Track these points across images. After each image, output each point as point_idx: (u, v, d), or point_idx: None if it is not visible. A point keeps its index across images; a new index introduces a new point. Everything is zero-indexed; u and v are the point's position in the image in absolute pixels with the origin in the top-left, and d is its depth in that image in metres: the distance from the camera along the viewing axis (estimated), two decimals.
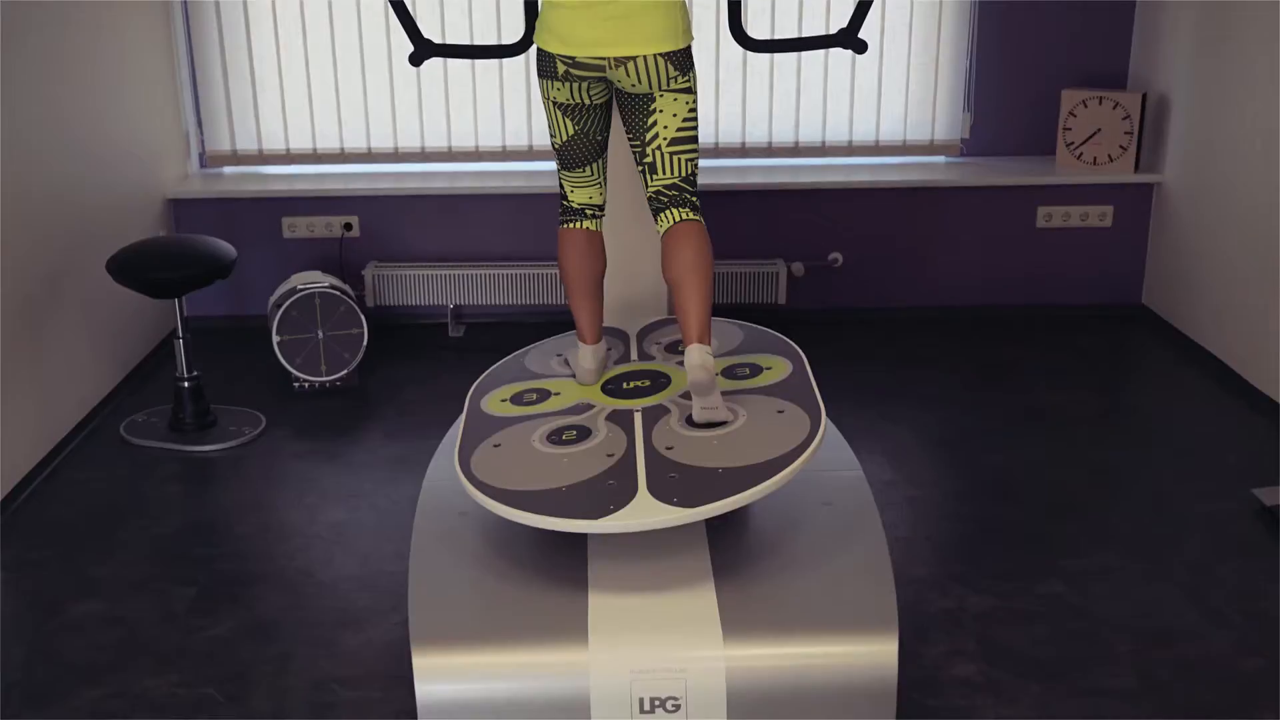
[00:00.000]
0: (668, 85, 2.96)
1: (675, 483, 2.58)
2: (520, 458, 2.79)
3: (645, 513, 2.51)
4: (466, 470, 2.76)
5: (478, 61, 4.91)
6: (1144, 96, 4.79)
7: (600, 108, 3.10)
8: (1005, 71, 5.01)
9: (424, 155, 5.03)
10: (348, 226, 4.95)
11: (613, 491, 2.58)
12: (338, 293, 4.32)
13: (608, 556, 2.65)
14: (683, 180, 3.05)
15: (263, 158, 5.03)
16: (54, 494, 3.66)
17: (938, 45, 4.96)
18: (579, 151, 3.14)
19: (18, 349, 3.64)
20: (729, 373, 3.11)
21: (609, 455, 2.74)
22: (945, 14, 4.93)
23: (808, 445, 2.67)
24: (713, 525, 2.77)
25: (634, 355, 3.35)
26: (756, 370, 3.13)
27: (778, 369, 3.13)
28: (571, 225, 3.23)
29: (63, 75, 3.95)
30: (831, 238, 5.03)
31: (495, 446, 2.86)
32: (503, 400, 3.15)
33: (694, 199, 3.06)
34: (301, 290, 4.29)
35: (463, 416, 3.09)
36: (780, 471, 2.58)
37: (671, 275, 2.99)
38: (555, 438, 2.86)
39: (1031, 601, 3.07)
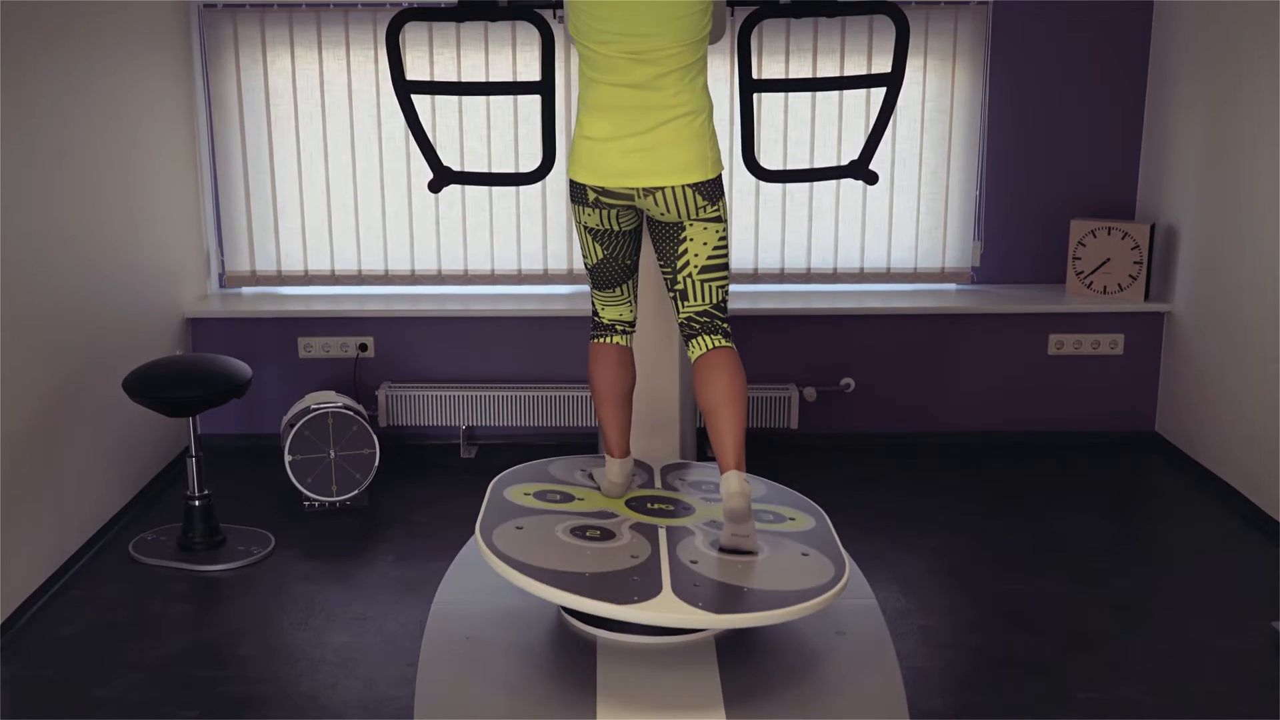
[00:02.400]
0: (697, 215, 3.00)
1: (699, 590, 2.56)
2: (543, 541, 2.77)
3: (670, 608, 2.47)
4: (489, 541, 2.73)
5: (495, 188, 5.00)
6: (1152, 227, 4.84)
7: (630, 234, 3.14)
8: (1014, 201, 5.08)
9: (440, 278, 5.09)
10: (363, 347, 4.99)
11: (637, 585, 2.55)
12: (350, 413, 4.34)
13: (617, 682, 2.61)
14: (714, 307, 3.07)
15: (281, 279, 5.10)
16: (60, 612, 3.63)
17: (947, 175, 5.04)
18: (609, 274, 3.19)
19: (31, 463, 3.65)
20: (755, 515, 3.10)
21: (633, 557, 2.72)
22: (955, 144, 5.02)
23: (834, 584, 2.65)
24: (724, 650, 2.73)
25: (658, 484, 3.35)
26: (780, 518, 3.13)
27: (801, 521, 3.13)
28: (602, 340, 3.26)
29: (90, 194, 4.02)
30: (844, 363, 5.05)
31: (518, 528, 2.84)
32: (526, 494, 3.14)
33: (725, 325, 3.08)
34: (315, 410, 4.31)
35: (484, 501, 3.07)
36: (809, 600, 2.55)
37: (706, 403, 2.99)
38: (579, 533, 2.85)
39: None
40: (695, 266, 3.04)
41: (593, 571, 2.61)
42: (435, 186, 3.59)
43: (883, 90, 3.55)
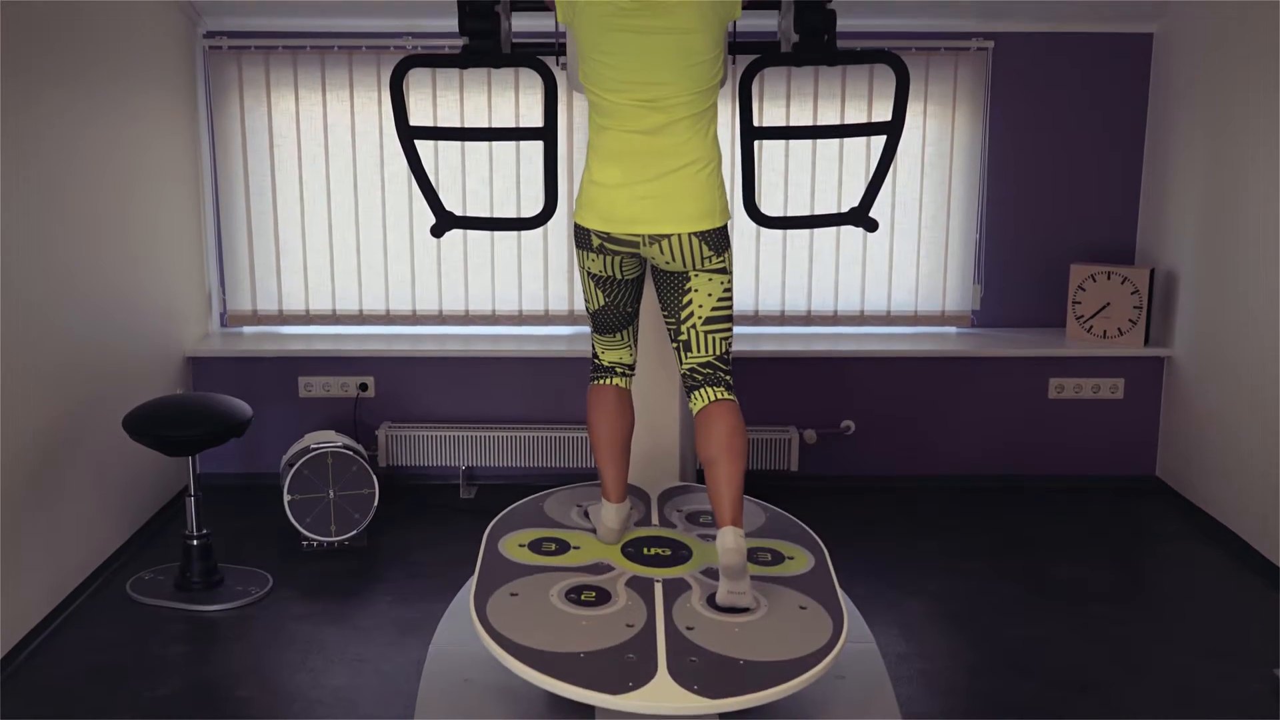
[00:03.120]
0: (702, 265, 3.01)
1: (695, 668, 2.54)
2: (538, 612, 2.76)
3: (665, 696, 2.46)
4: (483, 618, 2.72)
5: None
6: (1152, 271, 4.85)
7: (632, 282, 3.15)
8: (1014, 245, 5.09)
9: (441, 318, 5.10)
10: (363, 387, 4.99)
11: (632, 667, 2.54)
12: (350, 452, 4.33)
13: None
14: (717, 359, 3.07)
15: (283, 318, 5.11)
16: (57, 652, 3.61)
17: (948, 218, 5.06)
18: (610, 320, 3.20)
19: (30, 501, 3.64)
20: (750, 555, 3.08)
21: (628, 625, 2.71)
22: (955, 188, 5.04)
23: (830, 649, 2.64)
24: None
25: (655, 519, 3.33)
26: (779, 558, 3.11)
27: (800, 560, 3.11)
28: (602, 382, 3.26)
29: (93, 232, 4.04)
30: (844, 405, 5.05)
31: (512, 595, 2.83)
32: (521, 545, 3.12)
33: (728, 377, 3.08)
34: (314, 449, 4.30)
35: (480, 557, 3.05)
36: (802, 674, 2.54)
37: (705, 454, 2.99)
38: (574, 596, 2.83)
39: None
40: (699, 318, 3.05)
41: (587, 651, 2.59)
42: (438, 231, 3.61)
43: (883, 137, 3.57)
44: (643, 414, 3.56)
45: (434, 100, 4.90)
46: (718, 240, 3.02)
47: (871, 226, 3.61)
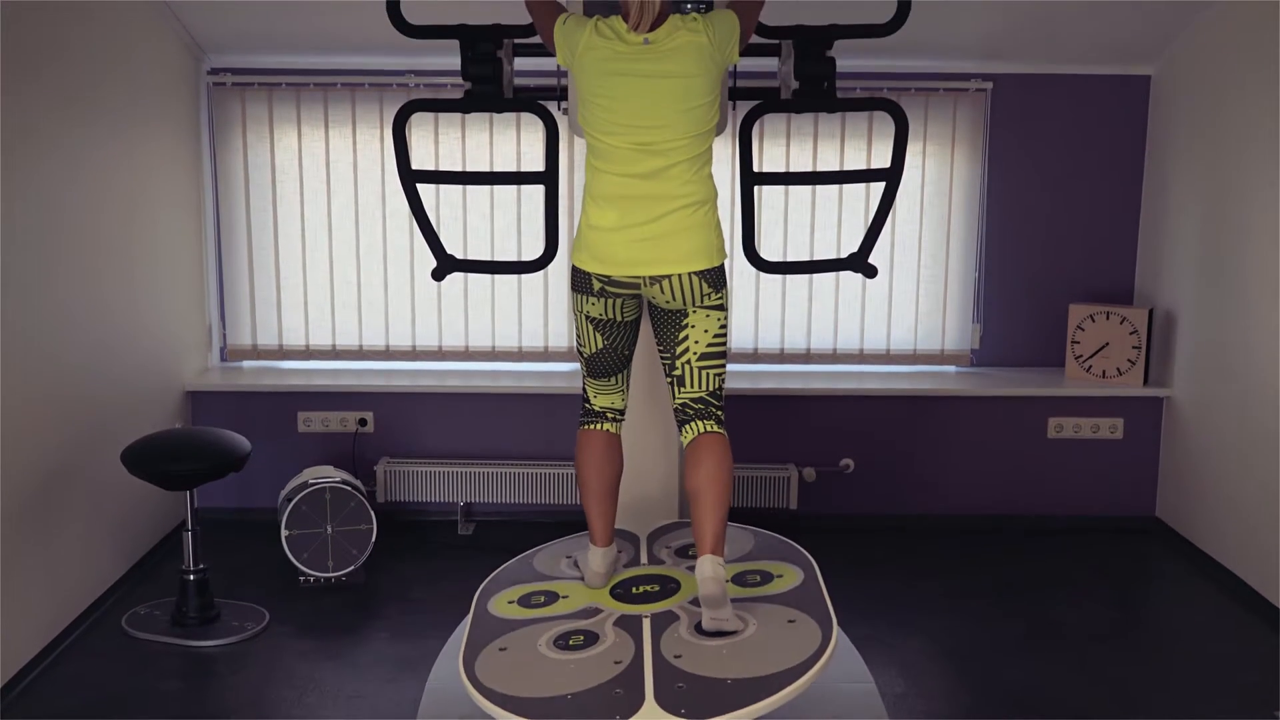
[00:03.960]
0: (701, 302, 3.04)
1: (683, 693, 2.53)
2: (526, 663, 2.75)
3: None
4: (471, 675, 2.71)
5: None
6: (1150, 312, 4.86)
7: (630, 324, 3.17)
8: (1013, 284, 5.11)
9: (441, 354, 5.10)
10: (362, 422, 4.99)
11: (619, 701, 2.53)
12: (348, 488, 4.33)
13: None
14: (710, 394, 3.10)
15: (283, 353, 5.11)
16: (51, 687, 3.60)
17: (947, 257, 5.08)
18: (606, 363, 3.21)
19: (28, 534, 3.63)
20: (739, 579, 3.09)
21: (616, 663, 2.70)
22: (954, 227, 5.06)
23: (819, 657, 2.63)
24: None
25: (644, 559, 3.33)
26: (768, 578, 3.11)
27: (789, 577, 3.10)
28: (592, 427, 3.27)
29: (94, 265, 4.05)
30: (843, 443, 5.04)
31: (501, 650, 2.82)
32: (510, 602, 3.12)
33: (719, 412, 3.10)
34: (312, 485, 4.30)
35: (469, 618, 3.05)
36: (790, 684, 2.53)
37: (691, 485, 3.00)
38: (562, 643, 2.82)
39: None
40: (694, 354, 3.07)
41: (574, 692, 2.59)
42: (439, 275, 3.63)
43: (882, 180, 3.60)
44: (634, 460, 3.56)
45: (436, 138, 4.93)
46: (716, 277, 3.04)
47: (870, 273, 3.63)
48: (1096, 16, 4.59)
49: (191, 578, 4.00)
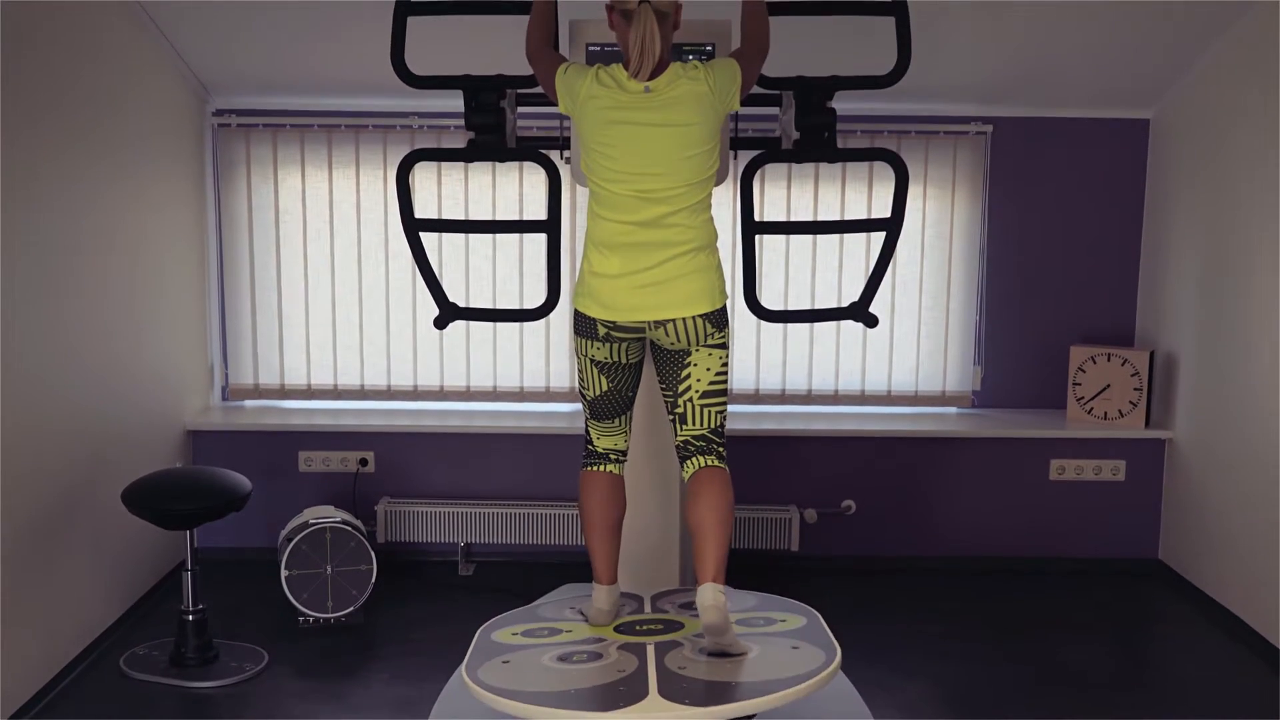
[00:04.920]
0: (704, 341, 3.06)
1: (686, 689, 2.56)
2: (529, 670, 2.78)
3: (656, 709, 2.47)
4: (474, 677, 2.74)
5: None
6: (1152, 354, 4.87)
7: (634, 366, 3.19)
8: (1014, 326, 5.12)
9: (443, 394, 5.11)
10: (363, 462, 4.99)
11: (623, 693, 2.55)
12: (349, 528, 4.32)
13: None
14: (711, 431, 3.12)
15: (284, 392, 5.12)
16: None
17: (948, 299, 5.09)
18: (610, 405, 3.23)
19: (27, 572, 3.62)
20: (746, 623, 3.09)
21: (620, 671, 2.72)
22: (955, 269, 5.08)
23: (825, 667, 2.66)
24: None
25: (648, 609, 3.34)
26: (771, 621, 3.12)
27: (792, 621, 3.12)
28: (595, 468, 3.28)
29: (96, 303, 4.06)
30: (845, 485, 5.04)
31: (504, 663, 2.85)
32: (514, 634, 3.13)
33: (720, 448, 3.12)
34: (313, 525, 4.29)
35: (471, 646, 3.06)
36: (801, 684, 2.55)
37: (693, 517, 3.02)
38: (566, 658, 2.85)
39: None
40: (696, 392, 3.08)
41: (579, 688, 2.61)
42: (441, 323, 3.65)
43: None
44: (638, 514, 3.57)
45: (439, 182, 4.95)
46: (719, 318, 3.07)
47: (871, 322, 3.65)
48: (1095, 62, 4.62)
49: (190, 618, 3.99)
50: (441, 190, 4.96)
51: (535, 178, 4.95)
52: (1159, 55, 4.59)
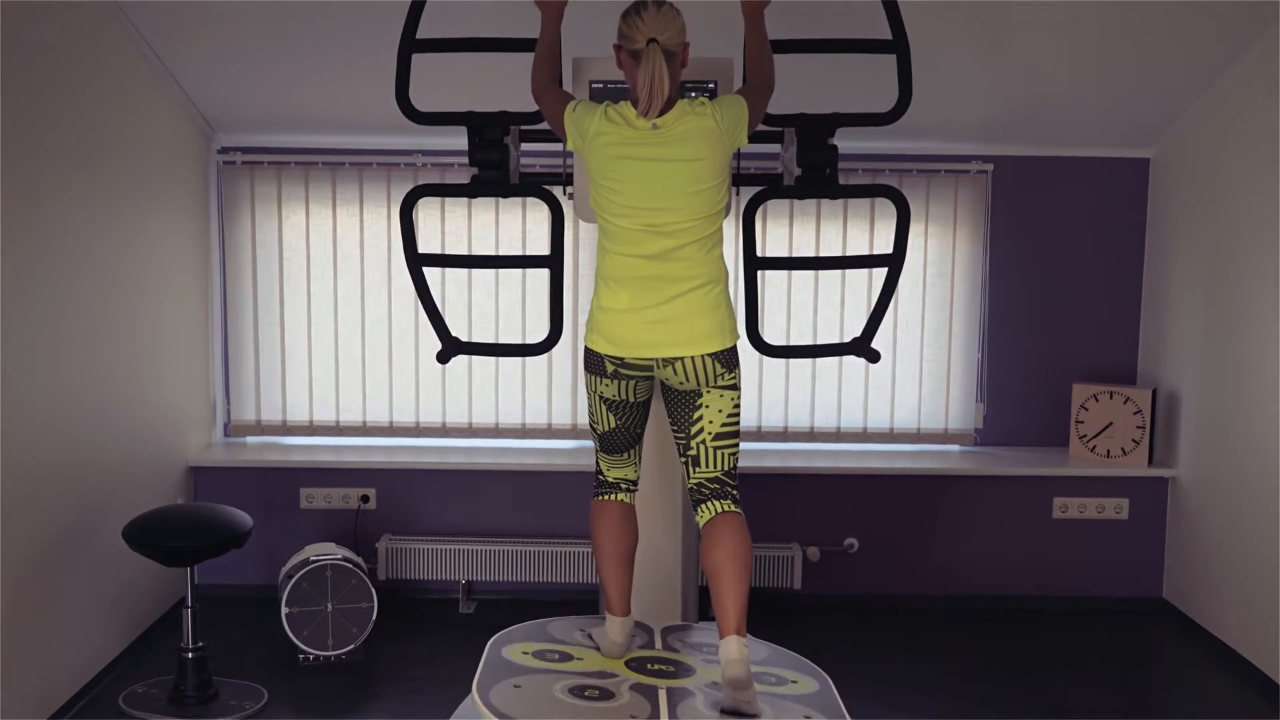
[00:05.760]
0: (715, 382, 3.05)
1: None
2: (542, 700, 2.75)
3: None
4: (485, 699, 2.71)
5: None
6: (1154, 392, 4.87)
7: (643, 404, 3.19)
8: (1017, 364, 5.12)
9: (445, 430, 5.11)
10: (364, 499, 4.98)
11: None
12: (349, 565, 4.31)
13: None
14: (725, 474, 3.10)
15: (286, 428, 5.12)
16: None
17: (950, 337, 5.09)
18: (619, 441, 3.22)
19: (27, 609, 3.61)
20: (757, 678, 3.07)
21: (632, 717, 2.69)
22: (956, 307, 5.08)
23: None
24: None
25: (658, 644, 3.32)
26: (783, 681, 3.10)
27: (804, 684, 3.10)
28: (606, 498, 3.27)
29: (99, 338, 4.07)
30: (847, 523, 5.02)
31: (515, 686, 2.82)
32: (524, 652, 3.11)
33: (734, 491, 3.10)
34: (314, 562, 4.28)
35: (482, 660, 3.04)
36: None
37: (710, 565, 2.99)
38: (578, 692, 2.82)
39: None
40: (709, 434, 3.07)
41: None
42: (444, 357, 3.65)
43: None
44: (646, 540, 3.55)
45: (442, 218, 4.97)
46: (729, 358, 3.06)
47: (874, 357, 3.65)
48: (1095, 102, 4.65)
49: (190, 655, 3.97)
50: (445, 227, 4.98)
51: (538, 215, 4.97)
52: (1158, 95, 4.61)
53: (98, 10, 3.96)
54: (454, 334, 3.67)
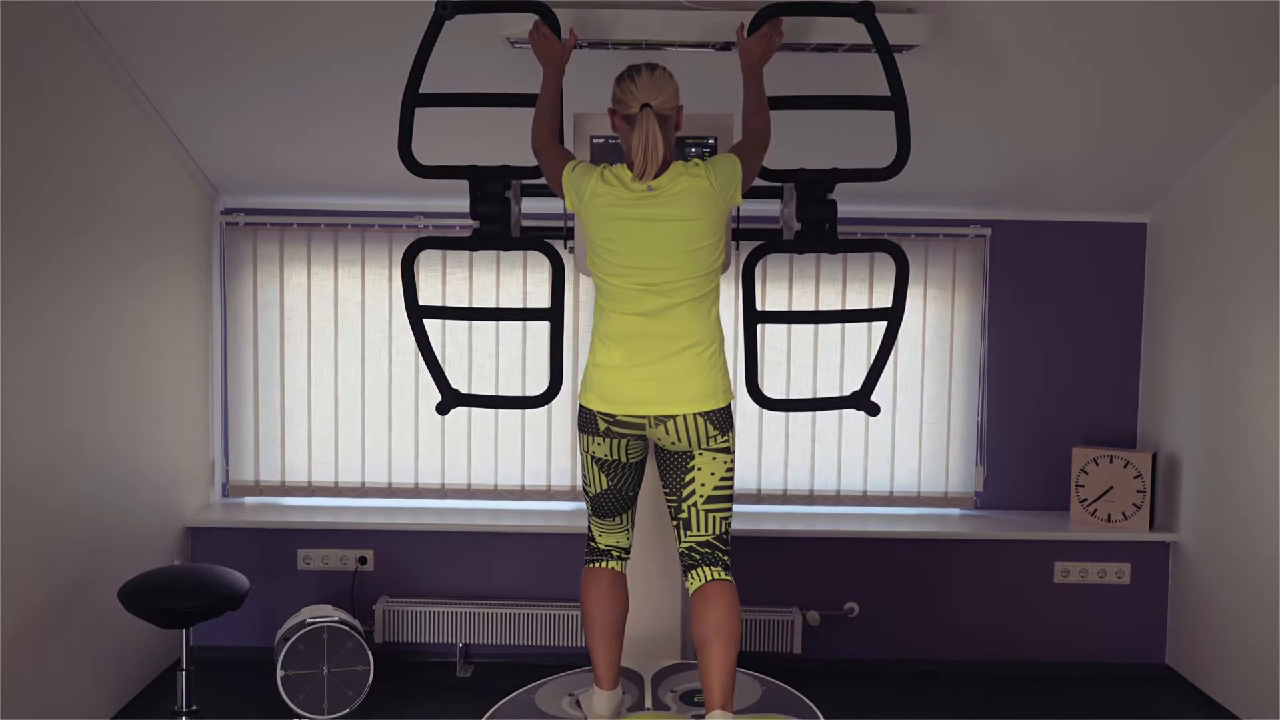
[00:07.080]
0: (707, 444, 3.04)
1: None
2: None
3: None
4: None
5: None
6: (1154, 455, 4.86)
7: (635, 466, 3.18)
8: (1016, 428, 5.12)
9: (444, 491, 5.09)
10: (362, 560, 4.95)
11: None
12: (346, 628, 4.27)
13: None
14: (716, 538, 3.08)
15: (285, 489, 5.10)
16: None
17: (949, 400, 5.10)
18: (611, 504, 3.21)
19: (22, 670, 3.58)
20: None
21: None
22: (956, 370, 5.09)
23: None
24: None
25: (648, 702, 3.28)
26: None
27: None
28: (597, 565, 3.26)
29: (98, 397, 4.07)
30: (847, 586, 4.99)
31: None
32: None
33: (726, 557, 3.08)
34: (310, 624, 4.25)
35: None
36: None
37: (699, 635, 2.97)
38: None
39: None
40: (701, 496, 3.06)
41: None
42: (443, 408, 3.65)
43: (884, 321, 3.63)
44: (640, 597, 3.53)
45: (444, 276, 5.00)
46: (722, 420, 3.05)
47: (873, 411, 3.65)
48: (1092, 167, 4.69)
49: (184, 718, 3.93)
50: (446, 288, 5.00)
51: (539, 276, 4.99)
52: (1155, 160, 4.65)
53: (101, 70, 4.00)
54: (454, 387, 3.67)
